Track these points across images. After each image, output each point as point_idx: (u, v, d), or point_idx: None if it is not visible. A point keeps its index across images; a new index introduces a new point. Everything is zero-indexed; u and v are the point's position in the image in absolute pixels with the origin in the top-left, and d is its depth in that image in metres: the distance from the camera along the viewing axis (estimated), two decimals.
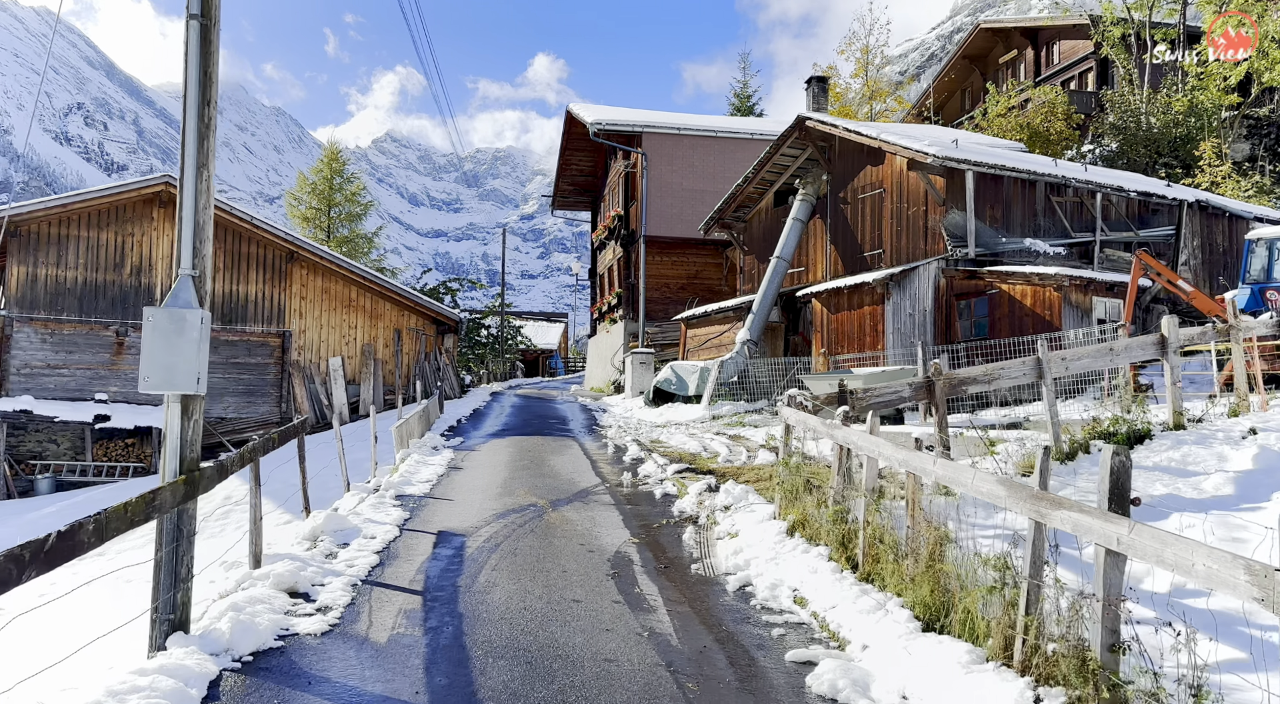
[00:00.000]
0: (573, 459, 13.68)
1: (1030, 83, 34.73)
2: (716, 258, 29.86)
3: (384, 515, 8.86)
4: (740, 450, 14.16)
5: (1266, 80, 28.41)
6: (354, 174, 48.01)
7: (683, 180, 28.61)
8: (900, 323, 17.84)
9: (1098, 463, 8.79)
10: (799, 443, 7.79)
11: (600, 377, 33.14)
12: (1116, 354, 8.67)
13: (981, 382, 8.41)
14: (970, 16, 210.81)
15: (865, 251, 20.16)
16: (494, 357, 44.57)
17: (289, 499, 14.04)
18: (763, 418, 18.31)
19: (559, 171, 37.61)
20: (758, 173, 22.75)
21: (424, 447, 15.05)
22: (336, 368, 25.66)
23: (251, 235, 24.75)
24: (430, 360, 26.88)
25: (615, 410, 22.70)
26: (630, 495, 10.55)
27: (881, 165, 19.84)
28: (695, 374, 20.32)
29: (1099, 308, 16.70)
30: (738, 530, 8.00)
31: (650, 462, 13.00)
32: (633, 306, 28.94)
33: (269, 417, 25.15)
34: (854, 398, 8.07)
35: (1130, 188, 19.52)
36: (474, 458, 13.90)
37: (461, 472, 12.43)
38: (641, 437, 16.68)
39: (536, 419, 20.72)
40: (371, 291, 26.20)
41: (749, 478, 11.29)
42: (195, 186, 5.05)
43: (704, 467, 12.41)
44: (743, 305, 21.74)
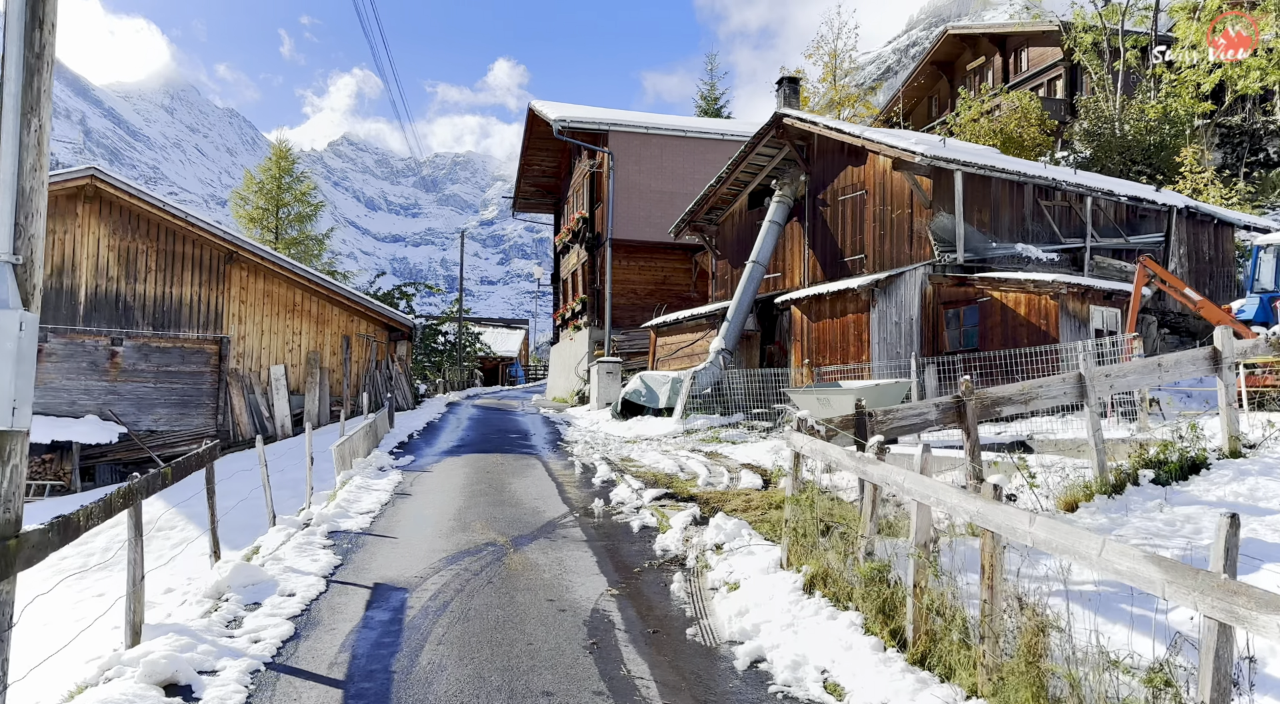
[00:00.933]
0: (536, 482, 12.27)
1: (1003, 87, 34.12)
2: (685, 263, 28.62)
3: (310, 561, 7.38)
4: (721, 471, 12.88)
5: (1240, 87, 28.04)
6: (304, 173, 46.04)
7: (651, 182, 27.35)
8: (886, 332, 16.73)
9: (1150, 497, 7.63)
10: (812, 474, 6.51)
11: (563, 386, 31.69)
12: (1165, 370, 7.55)
13: (1017, 402, 7.22)
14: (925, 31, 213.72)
15: (846, 256, 19.05)
16: (451, 365, 42.82)
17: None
18: (739, 433, 17.06)
19: (520, 172, 36.12)
20: (731, 173, 21.57)
21: (369, 467, 13.53)
22: (279, 377, 23.94)
23: (186, 234, 22.94)
24: (382, 369, 25.24)
25: (580, 423, 21.29)
26: (604, 528, 9.18)
27: (863, 166, 18.76)
28: (666, 385, 19.01)
29: (1096, 317, 15.74)
30: (737, 580, 6.68)
31: (623, 485, 11.66)
32: (598, 313, 27.56)
33: (204, 429, 23.30)
34: (874, 422, 6.81)
35: (1121, 192, 18.69)
36: (425, 481, 12.41)
37: (409, 499, 10.95)
38: (611, 454, 15.31)
39: (496, 434, 19.25)
40: (318, 295, 24.51)
41: (736, 506, 10.01)
42: (18, 139, 3.61)
43: (683, 491, 11.10)
44: (716, 312, 20.51)
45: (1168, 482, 7.28)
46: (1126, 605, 4.70)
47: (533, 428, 20.77)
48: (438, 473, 13.25)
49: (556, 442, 17.66)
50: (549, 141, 31.67)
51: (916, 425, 6.97)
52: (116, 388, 22.60)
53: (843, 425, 6.88)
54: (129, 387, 22.72)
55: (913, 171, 17.15)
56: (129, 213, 22.64)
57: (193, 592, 6.69)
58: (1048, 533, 3.61)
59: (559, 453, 15.83)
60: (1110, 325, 15.99)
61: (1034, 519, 3.73)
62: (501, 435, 18.84)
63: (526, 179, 36.66)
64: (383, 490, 11.48)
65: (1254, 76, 27.47)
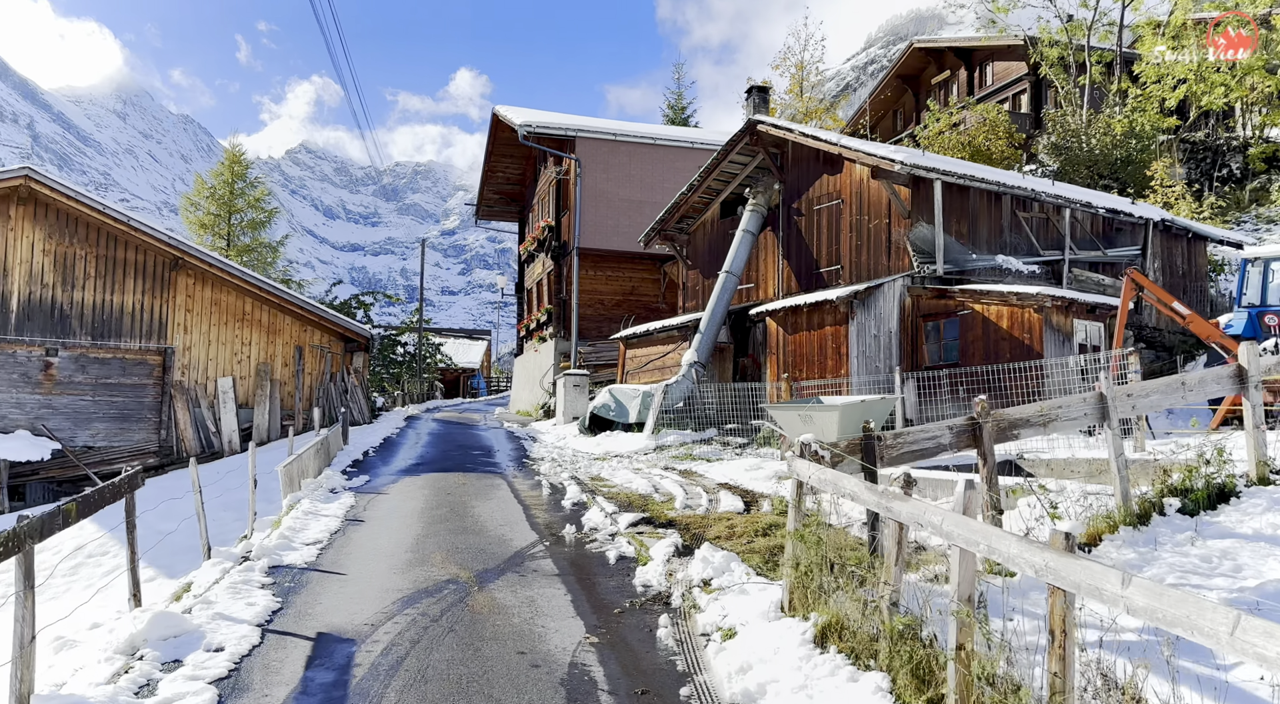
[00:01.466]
0: (501, 505, 11.42)
1: (970, 101, 34.07)
2: (654, 273, 27.93)
3: (244, 605, 6.47)
4: (697, 492, 12.15)
5: (1205, 103, 28.18)
6: (258, 178, 44.59)
7: (619, 190, 26.65)
8: (865, 345, 16.16)
9: (1179, 529, 7.02)
10: (816, 506, 5.80)
11: (527, 399, 30.76)
12: (1189, 389, 6.98)
13: (1036, 424, 6.59)
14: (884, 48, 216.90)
15: (822, 267, 18.50)
16: (411, 376, 41.60)
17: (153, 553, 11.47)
18: (713, 450, 16.36)
19: (484, 179, 35.21)
20: (704, 181, 20.95)
21: (319, 489, 12.57)
22: (226, 390, 22.74)
23: (128, 238, 21.69)
24: (336, 381, 24.13)
25: (546, 439, 20.43)
26: (577, 560, 8.38)
27: (839, 174, 18.25)
28: (637, 399, 18.26)
29: (1080, 331, 15.33)
30: (733, 625, 5.93)
31: (595, 508, 10.86)
32: (564, 324, 26.74)
33: (145, 445, 22.01)
34: (883, 446, 6.12)
35: (1099, 205, 18.41)
36: (380, 505, 11.49)
37: (362, 527, 10.03)
38: (580, 473, 14.50)
39: (457, 450, 18.31)
40: (270, 304, 23.36)
41: (719, 533, 9.27)
42: None
43: (661, 515, 10.34)
44: (688, 324, 19.82)
45: (1196, 511, 6.69)
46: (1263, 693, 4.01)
47: (496, 444, 19.87)
48: (394, 495, 12.33)
49: (522, 459, 16.80)
50: (513, 148, 30.84)
51: (929, 450, 6.30)
52: (51, 401, 21.23)
53: (849, 450, 6.17)
54: (65, 400, 21.36)
55: (891, 180, 16.66)
56: (67, 216, 21.35)
57: (109, 643, 5.75)
58: (1151, 599, 2.91)
59: (525, 471, 14.98)
60: (1094, 340, 15.59)
61: (1128, 580, 3.02)
62: (463, 452, 17.92)
63: (490, 186, 35.74)
64: (333, 516, 10.54)
65: (1218, 92, 27.62)
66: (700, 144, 27.56)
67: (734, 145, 20.08)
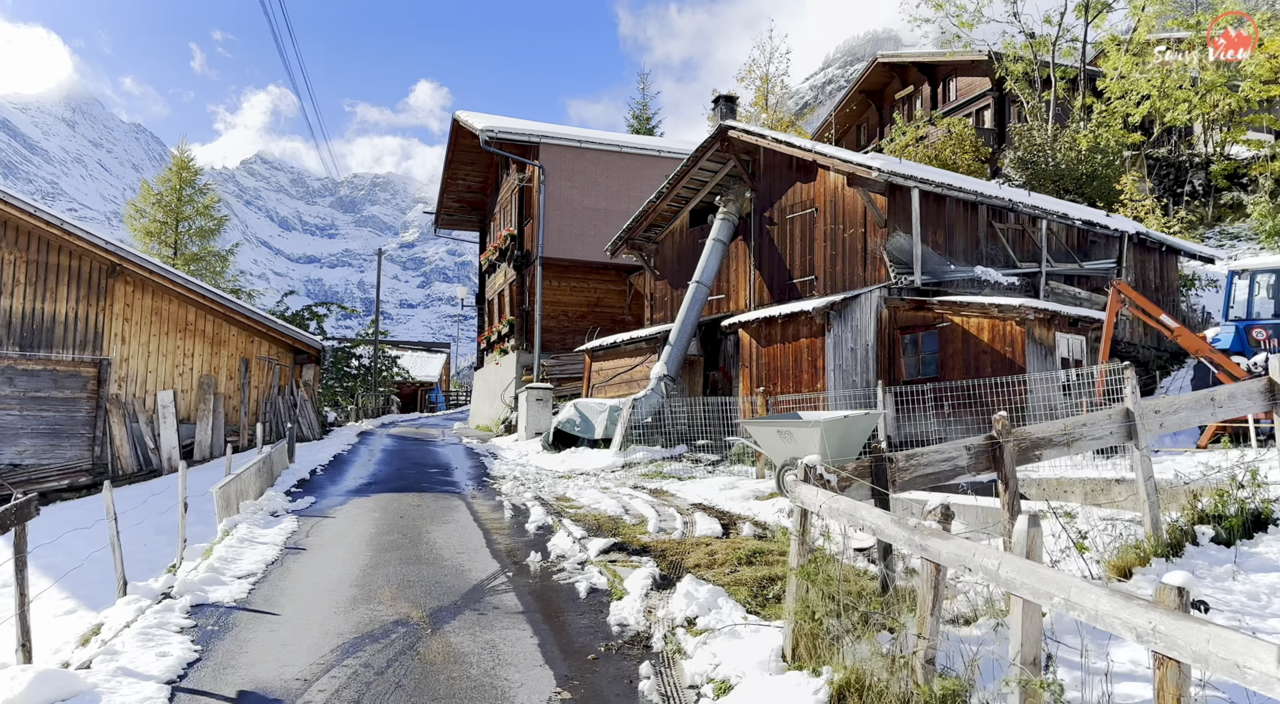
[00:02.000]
0: (460, 529, 10.51)
1: (940, 114, 33.98)
2: (620, 284, 27.16)
3: (155, 656, 5.52)
4: (671, 513, 11.37)
5: (1169, 119, 28.30)
6: (207, 185, 43.12)
7: (584, 198, 25.88)
8: (841, 359, 15.54)
9: (1216, 561, 6.33)
10: (824, 539, 5.04)
11: (488, 414, 29.73)
12: (1219, 405, 6.38)
13: (1059, 444, 5.92)
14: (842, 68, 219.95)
15: (795, 278, 17.90)
16: (366, 390, 40.25)
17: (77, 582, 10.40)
18: (684, 467, 15.60)
19: (443, 187, 34.19)
20: (673, 188, 20.27)
21: (259, 513, 11.54)
22: (166, 404, 21.47)
23: (62, 243, 20.39)
24: (285, 395, 22.96)
25: (508, 455, 19.49)
26: (544, 593, 7.53)
27: (813, 182, 17.69)
28: (603, 414, 17.43)
29: (1062, 345, 14.87)
30: (726, 677, 5.14)
31: (562, 532, 10.01)
32: (527, 336, 25.83)
33: (78, 462, 20.65)
34: (895, 469, 5.39)
35: (1075, 216, 18.08)
36: (325, 530, 10.51)
37: (303, 556, 9.06)
38: (545, 492, 13.64)
39: (412, 468, 17.31)
40: (215, 313, 22.16)
41: (699, 561, 8.49)
42: None
43: (634, 540, 9.53)
44: (657, 335, 19.07)
45: (1231, 540, 6.07)
46: None
47: (454, 461, 18.89)
48: (342, 518, 11.35)
49: (482, 477, 15.87)
50: (475, 154, 29.95)
51: (945, 473, 5.58)
52: None
53: (858, 473, 5.43)
54: None
55: (867, 188, 16.13)
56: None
57: None
58: None
59: (485, 491, 14.06)
60: (1075, 354, 15.15)
61: None
62: (419, 470, 16.93)
63: (450, 194, 34.74)
64: (271, 543, 9.55)
65: (1182, 108, 27.76)
66: (667, 152, 26.95)
67: (704, 151, 19.45)
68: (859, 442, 11.87)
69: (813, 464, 5.19)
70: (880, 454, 5.40)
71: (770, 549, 8.69)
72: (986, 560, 3.50)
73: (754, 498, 12.30)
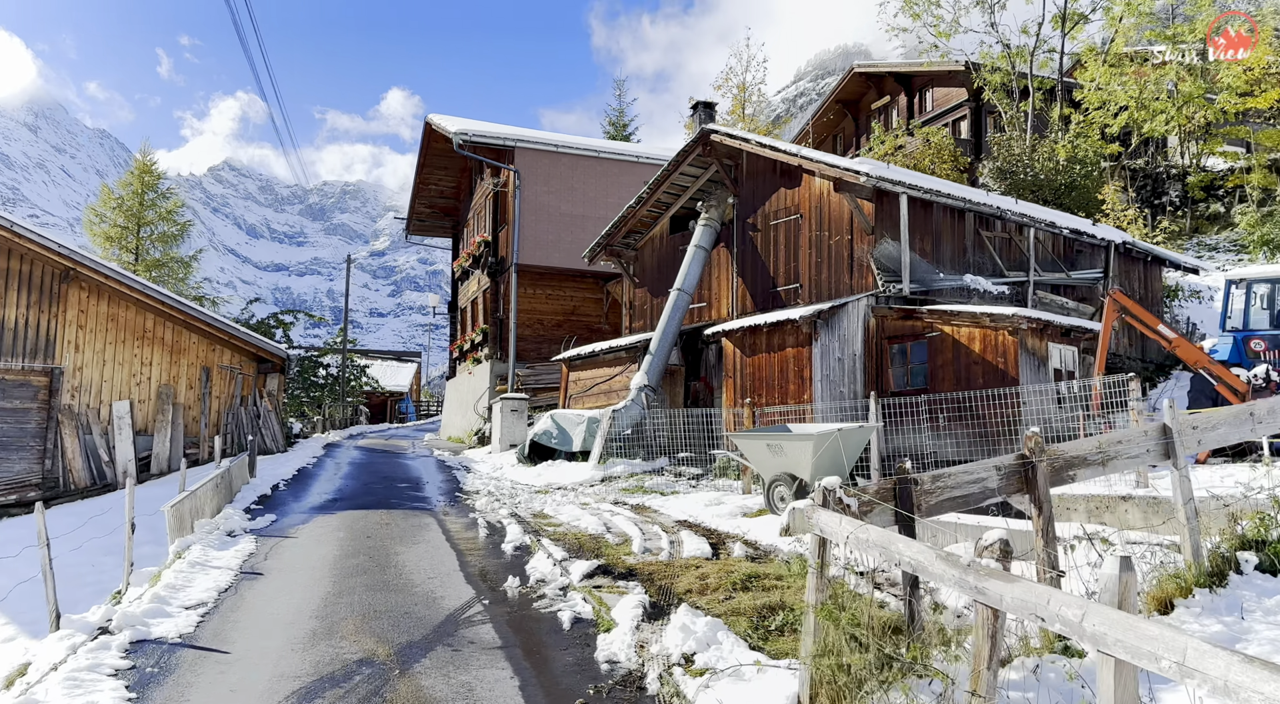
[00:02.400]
0: (431, 551, 9.82)
1: (918, 124, 33.82)
2: (596, 292, 26.55)
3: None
4: (655, 532, 10.76)
5: (1146, 130, 28.32)
6: (170, 189, 41.89)
7: (560, 204, 25.26)
8: (829, 369, 15.05)
9: (1265, 591, 5.73)
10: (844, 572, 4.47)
11: (460, 425, 28.92)
12: (1258, 420, 5.92)
13: (1094, 462, 5.40)
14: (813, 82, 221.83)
15: (779, 285, 17.41)
16: (334, 400, 39.21)
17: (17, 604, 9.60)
18: (666, 481, 15.00)
19: (415, 191, 33.40)
20: (653, 193, 19.73)
21: (215, 532, 10.78)
22: (122, 415, 20.50)
23: (11, 246, 19.40)
24: (248, 406, 22.05)
25: (481, 469, 18.77)
26: (523, 625, 6.88)
27: (798, 188, 17.23)
28: (581, 425, 16.80)
29: (1055, 356, 14.48)
30: None
31: (541, 553, 9.37)
32: (501, 344, 25.11)
33: (26, 476, 19.61)
34: (920, 492, 4.83)
35: (1063, 225, 17.78)
36: (285, 552, 9.77)
37: (260, 582, 8.34)
38: (521, 509, 12.97)
39: (381, 483, 16.54)
40: (174, 320, 21.25)
41: (690, 585, 7.90)
42: None
43: (619, 562, 8.92)
44: (637, 345, 18.47)
45: (1276, 568, 5.57)
46: None
47: (425, 474, 18.14)
48: (304, 539, 10.60)
49: (454, 492, 15.15)
50: (448, 159, 29.24)
51: (974, 496, 5.03)
52: None
53: (880, 496, 4.86)
54: None
55: (855, 194, 15.69)
56: None
57: None
58: None
59: (458, 507, 13.36)
60: (1068, 365, 14.77)
61: None
62: (387, 485, 16.17)
63: (422, 199, 33.93)
64: (226, 568, 8.81)
65: (1160, 120, 27.78)
66: (646, 158, 26.43)
67: (685, 156, 18.94)
68: (853, 456, 11.34)
69: (832, 487, 4.62)
70: (905, 476, 4.84)
71: (766, 573, 8.11)
72: (1067, 610, 2.93)
73: (742, 515, 11.73)
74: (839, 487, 4.70)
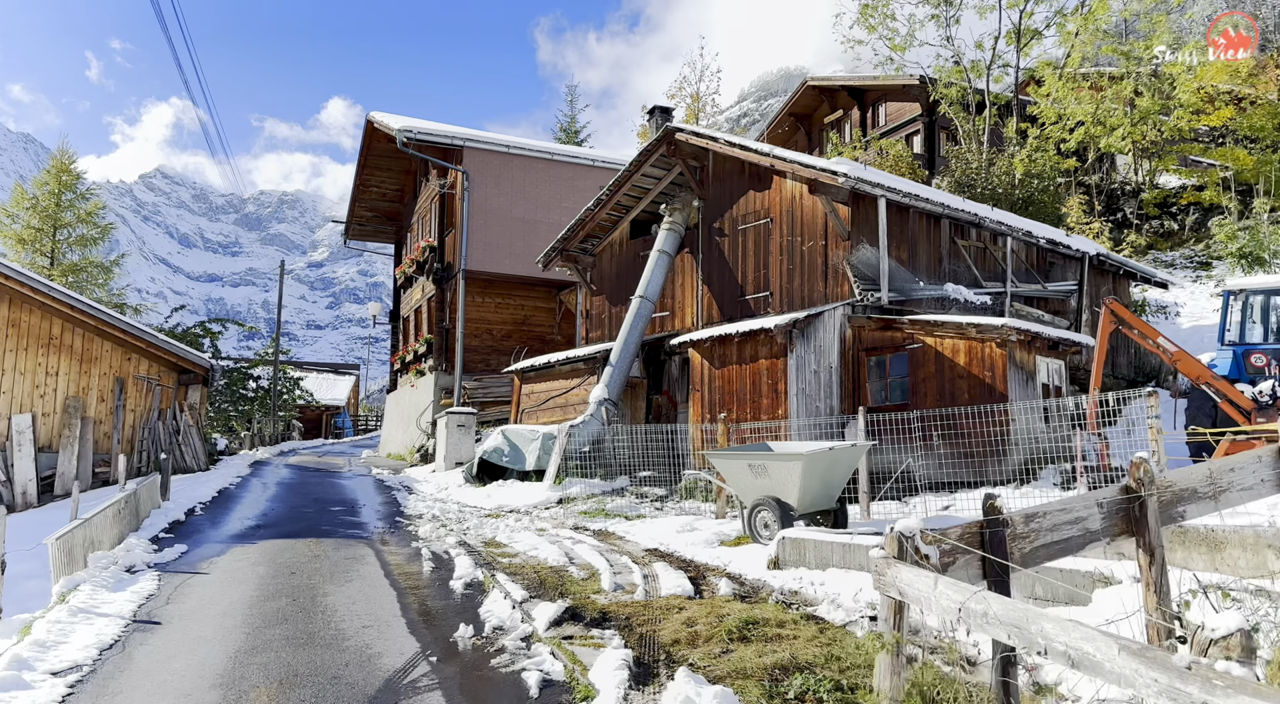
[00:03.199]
0: (367, 590, 8.42)
1: (877, 136, 33.39)
2: (549, 301, 25.24)
3: None
4: (625, 563, 9.54)
5: (1104, 146, 28.23)
6: (90, 190, 39.43)
7: (512, 208, 23.94)
8: (805, 382, 14.02)
9: None
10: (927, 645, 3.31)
11: (401, 441, 27.24)
12: None
13: (1204, 496, 4.39)
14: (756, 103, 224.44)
15: (748, 294, 16.38)
16: (265, 414, 37.02)
17: None
18: (628, 503, 13.77)
19: (355, 194, 31.68)
20: (613, 195, 18.57)
21: (112, 568, 9.20)
22: (23, 429, 18.51)
23: None
24: (167, 420, 20.19)
25: (425, 489, 17.29)
26: (480, 692, 5.59)
27: (768, 191, 16.27)
28: (536, 442, 15.48)
29: (1042, 369, 13.69)
30: None
31: (497, 592, 8.07)
32: (447, 355, 23.61)
33: None
34: (1014, 537, 3.71)
35: (1040, 234, 17.14)
36: (192, 593, 8.27)
37: (156, 634, 6.87)
38: (471, 536, 11.61)
39: (312, 506, 14.98)
40: (85, 326, 19.36)
41: (677, 635, 6.68)
42: None
43: (589, 603, 7.67)
44: (596, 355, 17.23)
45: None
46: None
47: (363, 496, 16.60)
48: (217, 575, 9.10)
49: (395, 517, 13.69)
50: (391, 159, 27.71)
51: (1074, 541, 3.94)
52: None
53: (966, 541, 3.73)
54: None
55: (831, 197, 14.77)
56: None
57: None
58: None
59: (399, 535, 11.93)
60: (1054, 380, 14.00)
61: None
62: (319, 508, 14.61)
63: (363, 203, 32.21)
64: (116, 616, 7.31)
65: (1117, 135, 27.69)
66: (602, 162, 25.30)
67: (648, 156, 17.85)
68: (843, 478, 10.28)
69: (911, 533, 3.46)
70: (996, 515, 3.71)
71: (765, 617, 6.93)
72: None
73: (719, 543, 10.57)
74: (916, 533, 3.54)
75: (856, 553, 8.15)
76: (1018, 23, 31.54)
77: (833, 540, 8.41)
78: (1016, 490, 12.22)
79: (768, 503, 9.94)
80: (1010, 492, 12.16)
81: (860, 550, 8.10)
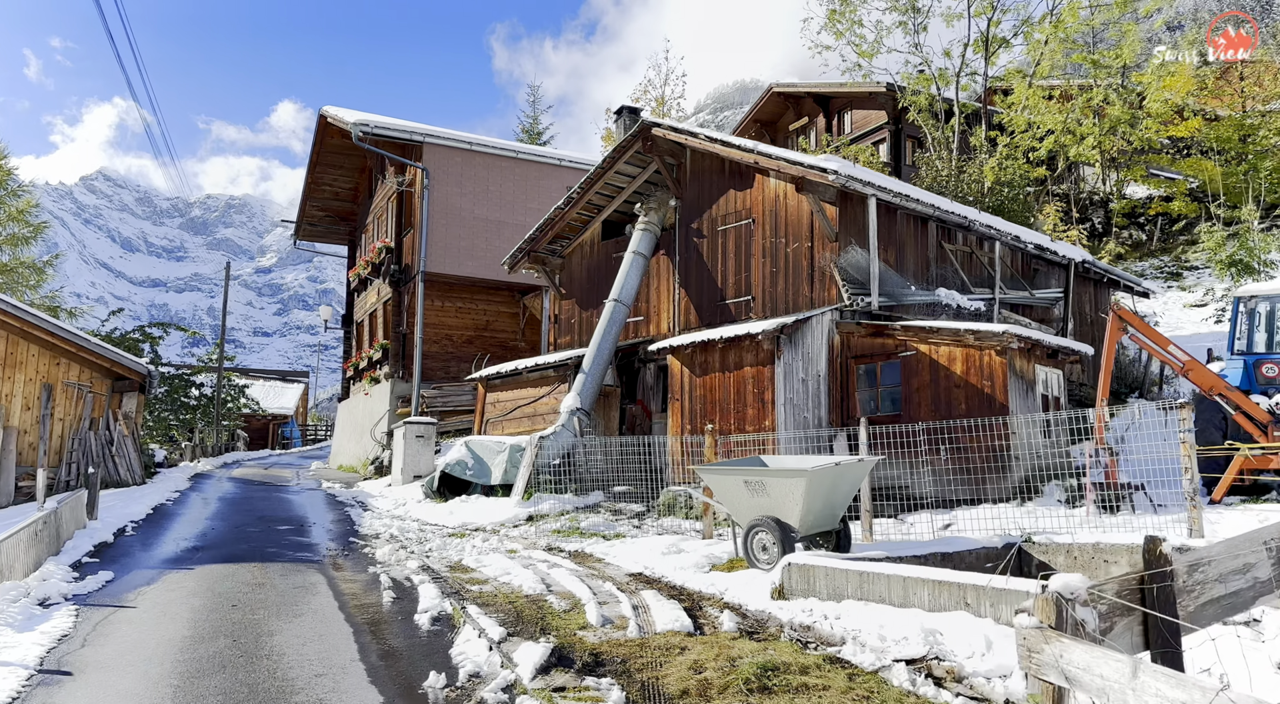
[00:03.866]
0: (319, 627, 7.33)
1: (847, 141, 32.95)
2: (513, 306, 24.15)
3: None
4: (609, 591, 8.59)
5: (1074, 154, 28.11)
6: (23, 187, 37.33)
7: (475, 207, 22.84)
8: (792, 391, 13.21)
9: None
10: None
11: (354, 452, 25.86)
12: None
13: None
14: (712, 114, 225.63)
15: (728, 298, 15.55)
16: (208, 424, 35.22)
17: None
18: (604, 520, 12.80)
19: (306, 193, 30.22)
20: (585, 193, 17.63)
21: (23, 600, 7.97)
22: None
23: None
24: (99, 430, 18.68)
25: (381, 505, 16.10)
26: None
27: (750, 189, 15.48)
28: (502, 455, 14.43)
29: (1041, 379, 13.05)
30: None
31: (469, 627, 7.05)
32: (404, 362, 22.39)
33: None
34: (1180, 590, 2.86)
35: (1027, 239, 16.61)
36: (115, 632, 7.10)
37: (65, 686, 5.72)
38: (435, 559, 10.54)
39: (256, 524, 13.73)
40: (9, 328, 17.84)
41: (686, 685, 5.76)
42: None
43: (576, 642, 6.70)
44: (567, 362, 16.23)
45: None
46: None
47: (313, 513, 15.37)
48: (146, 608, 7.92)
49: (349, 537, 12.53)
50: (345, 156, 26.43)
51: (1243, 596, 3.10)
52: None
53: (1125, 594, 2.85)
54: None
55: (818, 196, 14.02)
56: None
57: None
58: None
59: (354, 558, 10.80)
60: (1053, 390, 13.38)
61: None
62: (265, 528, 13.38)
63: (314, 202, 30.75)
64: (18, 665, 6.13)
65: (1088, 142, 27.56)
66: (570, 162, 24.35)
67: (622, 153, 16.95)
68: (847, 497, 9.44)
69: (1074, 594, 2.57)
70: (1161, 563, 2.84)
71: (785, 662, 6.00)
72: None
73: (711, 567, 9.64)
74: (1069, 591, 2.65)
75: (876, 583, 7.29)
76: (985, 31, 31.39)
77: (847, 568, 7.53)
78: (1020, 508, 11.53)
79: (766, 524, 9.05)
80: (1014, 509, 11.47)
81: (880, 579, 7.24)
